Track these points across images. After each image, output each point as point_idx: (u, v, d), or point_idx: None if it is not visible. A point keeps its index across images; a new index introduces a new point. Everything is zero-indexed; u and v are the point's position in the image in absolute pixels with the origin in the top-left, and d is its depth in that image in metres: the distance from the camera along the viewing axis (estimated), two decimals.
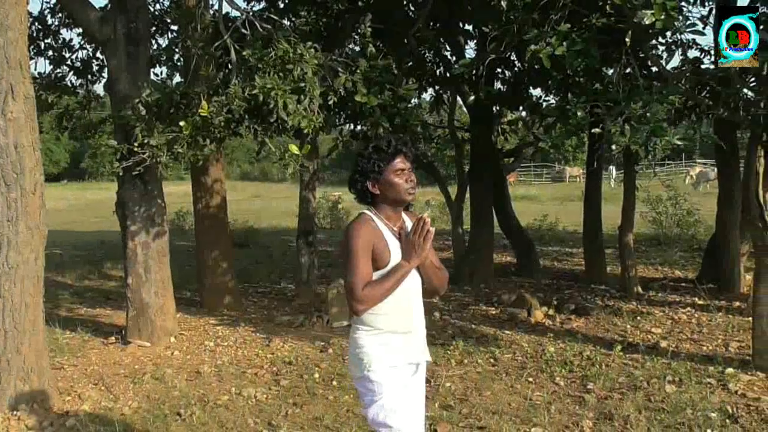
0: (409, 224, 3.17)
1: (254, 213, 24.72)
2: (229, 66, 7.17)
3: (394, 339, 3.13)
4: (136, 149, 6.66)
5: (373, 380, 3.08)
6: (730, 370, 6.18)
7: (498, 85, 10.83)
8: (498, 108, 11.38)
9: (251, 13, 7.34)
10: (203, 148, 6.69)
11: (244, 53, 6.65)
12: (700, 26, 6.66)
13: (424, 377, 3.36)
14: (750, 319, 6.75)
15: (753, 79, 6.12)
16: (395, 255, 3.06)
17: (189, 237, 14.78)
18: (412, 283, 3.17)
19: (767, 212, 6.61)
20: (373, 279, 3.01)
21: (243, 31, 7.02)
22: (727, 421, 5.11)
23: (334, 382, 6.33)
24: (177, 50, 9.37)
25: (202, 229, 9.55)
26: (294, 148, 6.45)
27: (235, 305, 9.47)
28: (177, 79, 10.56)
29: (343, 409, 5.67)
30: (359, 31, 7.61)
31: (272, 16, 7.36)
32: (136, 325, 7.70)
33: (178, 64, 9.78)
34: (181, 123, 6.45)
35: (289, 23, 8.10)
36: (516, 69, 10.21)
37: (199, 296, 9.79)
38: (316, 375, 6.56)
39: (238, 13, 7.61)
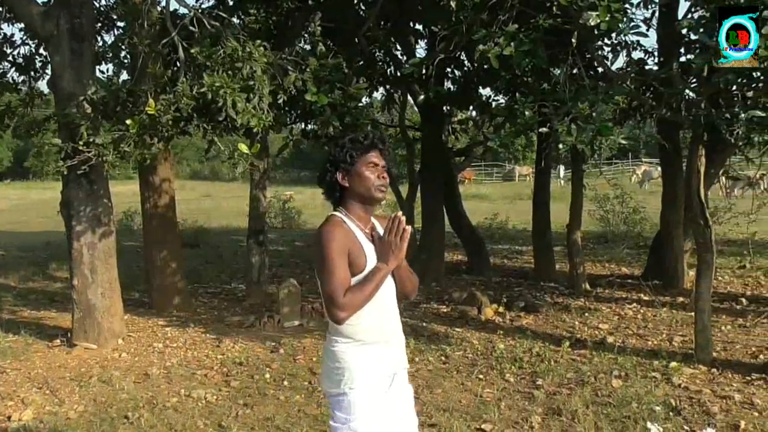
0: (378, 228, 2.98)
1: (204, 212, 24.49)
2: (177, 64, 7.08)
3: (375, 350, 2.90)
4: (81, 148, 6.53)
5: (351, 400, 2.84)
6: (673, 363, 6.33)
7: (448, 84, 10.89)
8: (448, 107, 11.46)
9: (200, 11, 7.25)
10: (151, 147, 6.59)
11: (192, 51, 6.57)
12: (643, 28, 6.80)
13: (408, 384, 3.10)
14: (692, 314, 6.91)
15: (694, 80, 6.27)
16: (371, 259, 2.84)
17: (138, 237, 14.57)
18: (388, 288, 2.95)
19: (708, 210, 6.77)
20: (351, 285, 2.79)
21: (191, 28, 6.93)
22: (671, 413, 5.24)
23: (285, 382, 6.31)
24: (123, 47, 9.20)
25: (151, 229, 9.42)
26: (243, 147, 6.40)
27: (185, 306, 9.37)
28: (124, 76, 10.39)
29: (295, 409, 5.65)
30: (309, 29, 7.58)
31: (221, 13, 7.29)
32: (82, 327, 7.56)
33: (125, 61, 9.61)
34: (128, 121, 6.35)
35: (238, 21, 8.04)
36: (466, 69, 10.29)
37: (147, 297, 9.65)
38: (267, 375, 6.52)
39: (186, 11, 7.53)
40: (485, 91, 10.01)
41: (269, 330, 8.25)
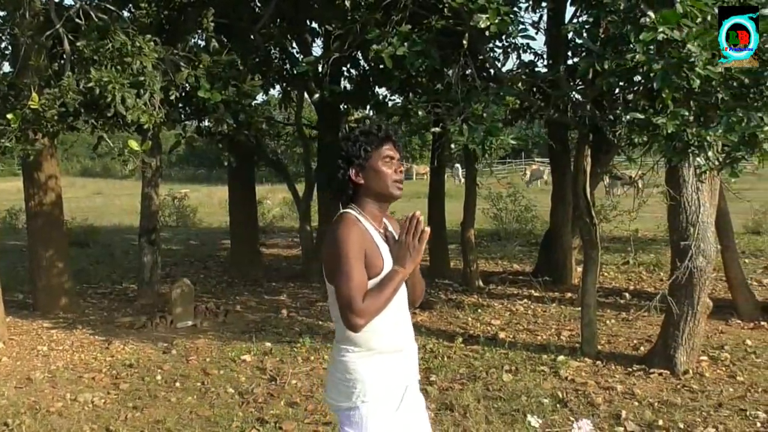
0: (390, 228, 2.82)
1: (95, 210, 23.74)
2: (63, 57, 6.84)
3: (388, 360, 2.70)
4: None
5: (364, 414, 2.64)
6: (561, 357, 6.55)
7: (345, 83, 10.91)
8: (345, 106, 11.48)
9: (86, 2, 7.01)
10: (34, 143, 6.37)
11: (78, 44, 6.36)
12: (532, 32, 7.01)
13: (419, 393, 2.91)
14: (580, 308, 7.17)
15: (580, 82, 6.51)
16: (387, 260, 2.65)
17: (22, 236, 13.96)
18: (401, 293, 2.73)
19: (594, 208, 7.04)
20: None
21: (77, 20, 6.70)
22: (558, 405, 5.43)
23: (177, 384, 6.19)
24: (4, 38, 8.80)
25: (36, 228, 9.04)
26: (133, 144, 6.25)
27: (72, 307, 9.04)
28: (5, 68, 9.94)
29: (186, 410, 5.55)
30: (203, 25, 7.45)
31: (109, 6, 7.07)
32: None
33: (6, 52, 9.18)
34: (9, 116, 6.10)
35: (128, 15, 7.82)
36: (362, 68, 10.33)
37: (32, 298, 9.26)
38: (159, 377, 6.38)
39: (72, 2, 7.28)
40: (381, 90, 10.07)
41: (161, 331, 8.07)
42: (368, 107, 10.91)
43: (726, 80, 4.97)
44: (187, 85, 6.95)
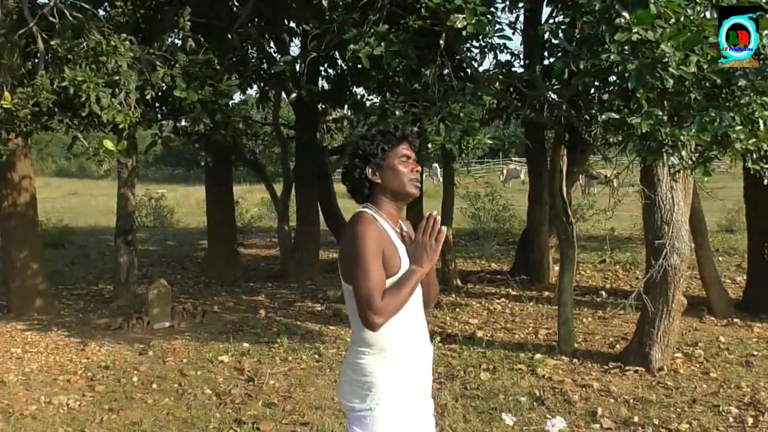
0: (404, 228, 2.78)
1: (71, 211, 23.54)
2: (37, 56, 6.77)
3: (404, 362, 2.65)
4: None
5: (376, 417, 2.59)
6: (538, 355, 6.59)
7: (323, 83, 10.92)
8: (323, 106, 11.48)
9: (61, 0, 6.95)
10: (7, 143, 6.30)
11: (52, 43, 6.30)
12: (508, 32, 7.04)
13: (431, 403, 2.86)
14: (557, 307, 7.21)
15: (555, 82, 6.55)
16: (405, 259, 2.62)
17: None
18: (417, 294, 2.71)
19: (571, 208, 7.08)
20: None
21: (51, 19, 6.64)
22: (535, 403, 5.46)
23: (154, 385, 6.15)
24: None
25: (9, 229, 8.95)
26: (109, 144, 6.20)
27: (47, 309, 8.96)
28: None
29: (163, 412, 5.51)
30: (179, 24, 7.41)
31: (84, 5, 7.02)
32: None
33: None
34: None
35: (103, 13, 7.76)
36: (339, 68, 10.33)
37: (5, 300, 9.16)
38: (135, 378, 6.33)
39: (46, 0, 7.21)
40: (359, 90, 10.08)
41: (138, 332, 8.01)
42: (346, 107, 10.92)
43: (699, 80, 5.02)
44: (163, 84, 6.92)
